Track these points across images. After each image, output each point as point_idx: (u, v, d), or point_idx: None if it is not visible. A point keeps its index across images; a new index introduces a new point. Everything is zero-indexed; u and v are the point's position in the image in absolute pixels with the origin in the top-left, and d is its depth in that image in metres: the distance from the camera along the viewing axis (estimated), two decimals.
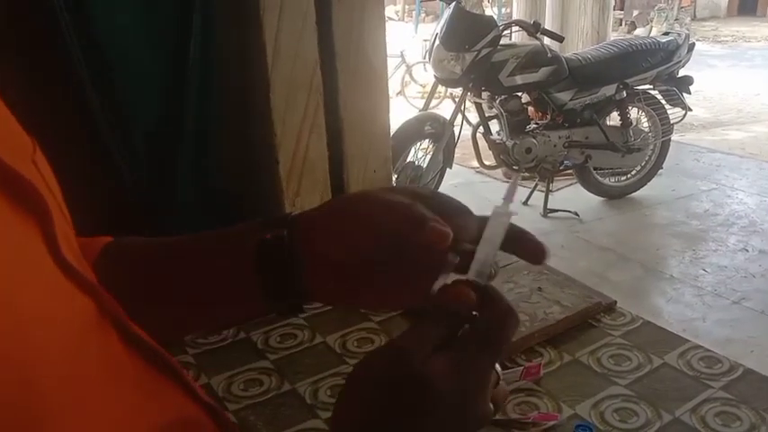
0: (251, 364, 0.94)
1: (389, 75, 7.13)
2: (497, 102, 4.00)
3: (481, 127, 4.16)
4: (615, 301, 1.07)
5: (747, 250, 3.85)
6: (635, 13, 14.93)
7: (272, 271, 0.49)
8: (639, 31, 13.30)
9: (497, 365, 0.45)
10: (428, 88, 4.60)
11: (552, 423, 0.81)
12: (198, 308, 0.52)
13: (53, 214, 0.33)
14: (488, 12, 11.58)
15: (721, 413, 0.83)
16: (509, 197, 0.44)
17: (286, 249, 0.49)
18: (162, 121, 1.14)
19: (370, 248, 0.47)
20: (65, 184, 1.01)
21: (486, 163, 4.29)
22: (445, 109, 4.27)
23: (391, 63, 7.96)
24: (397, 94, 8.15)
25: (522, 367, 0.90)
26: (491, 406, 0.44)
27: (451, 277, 0.45)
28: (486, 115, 4.14)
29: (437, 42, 3.88)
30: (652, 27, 13.25)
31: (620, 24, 14.60)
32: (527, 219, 4.29)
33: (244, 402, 0.86)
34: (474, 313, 0.43)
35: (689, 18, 14.72)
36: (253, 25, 1.15)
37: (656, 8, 14.00)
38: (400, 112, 5.85)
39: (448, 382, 0.40)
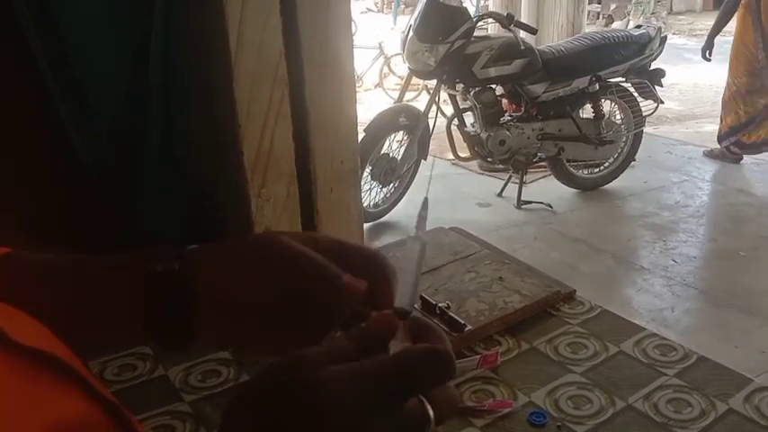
0: (209, 354, 0.94)
1: (368, 67, 7.09)
2: (471, 94, 4.02)
3: (455, 119, 4.17)
4: (574, 290, 1.08)
5: (716, 241, 3.91)
6: (612, 6, 15.02)
7: (158, 306, 0.47)
8: (617, 25, 13.37)
9: (430, 410, 0.39)
10: None
11: (507, 410, 0.82)
12: (79, 332, 0.49)
13: None
14: (466, 4, 11.59)
15: (673, 400, 0.84)
16: (421, 227, 0.46)
17: (175, 284, 0.47)
18: (125, 109, 1.13)
19: (273, 296, 0.46)
20: (23, 171, 0.99)
21: (461, 155, 4.30)
22: (423, 101, 4.27)
23: (370, 55, 7.96)
24: (376, 86, 8.12)
25: (479, 355, 0.91)
26: None
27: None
28: (461, 107, 4.16)
29: (411, 34, 3.88)
30: (629, 20, 13.34)
31: (598, 18, 14.69)
32: (501, 211, 4.32)
33: (201, 393, 0.86)
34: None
35: (665, 12, 14.85)
36: (215, 14, 1.14)
37: (634, 1, 14.11)
38: (379, 105, 5.84)
39: (340, 394, 0.37)
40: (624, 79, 4.37)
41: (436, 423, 0.39)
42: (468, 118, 4.19)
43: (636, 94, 4.43)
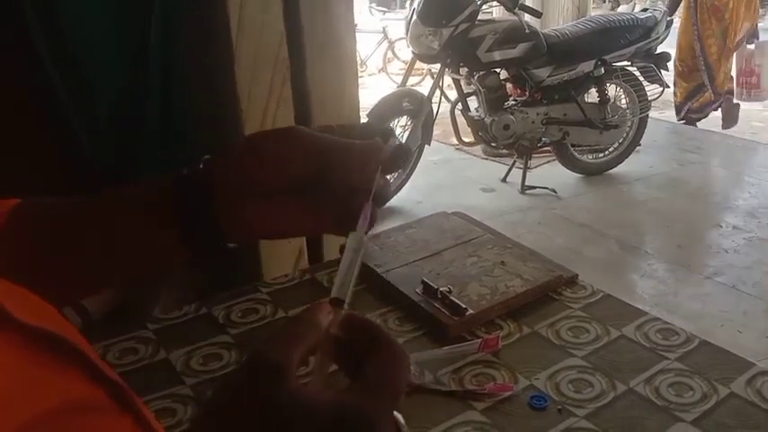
0: (211, 338, 0.94)
1: (371, 51, 7.05)
2: (475, 78, 4.00)
3: (459, 103, 4.15)
4: (576, 275, 1.08)
5: (721, 226, 3.90)
6: None
7: (186, 205, 0.49)
8: (623, 8, 13.27)
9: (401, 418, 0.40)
10: None
11: (507, 394, 0.82)
12: (114, 254, 0.51)
13: None
14: None
15: (675, 383, 0.84)
16: (361, 229, 0.48)
17: (199, 179, 0.49)
18: (125, 95, 1.12)
19: (298, 169, 0.48)
20: (22, 157, 0.98)
21: (465, 140, 4.29)
22: (427, 85, 4.26)
23: (374, 39, 7.92)
24: (380, 70, 8.09)
25: (480, 339, 0.91)
26: None
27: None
28: (465, 92, 4.14)
29: (414, 17, 3.86)
30: (635, 4, 13.23)
31: (604, 1, 14.57)
32: (505, 196, 4.31)
33: (202, 377, 0.86)
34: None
35: None
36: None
37: None
38: (382, 89, 5.81)
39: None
40: (630, 63, 4.35)
41: None
42: (473, 102, 4.17)
43: (641, 78, 4.40)
